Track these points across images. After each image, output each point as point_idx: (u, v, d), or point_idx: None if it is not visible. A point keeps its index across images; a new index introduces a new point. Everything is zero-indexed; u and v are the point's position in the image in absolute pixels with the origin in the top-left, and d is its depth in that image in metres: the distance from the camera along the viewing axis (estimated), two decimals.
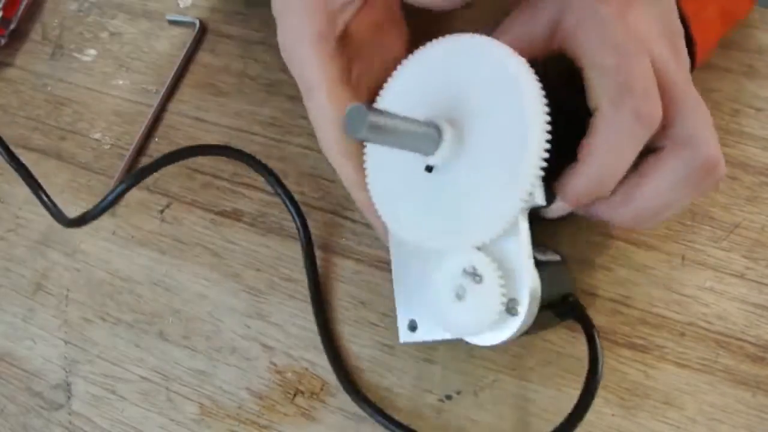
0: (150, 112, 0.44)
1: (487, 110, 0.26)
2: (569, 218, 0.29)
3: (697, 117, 0.27)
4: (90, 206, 0.41)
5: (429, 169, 0.28)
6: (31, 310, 0.38)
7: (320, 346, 0.35)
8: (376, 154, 0.31)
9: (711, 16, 0.32)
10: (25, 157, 0.42)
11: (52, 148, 0.44)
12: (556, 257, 0.31)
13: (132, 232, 0.40)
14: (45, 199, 0.39)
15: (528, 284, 0.26)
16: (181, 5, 0.49)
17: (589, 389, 0.28)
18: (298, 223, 0.37)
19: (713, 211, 0.35)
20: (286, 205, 0.37)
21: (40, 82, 0.47)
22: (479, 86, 0.27)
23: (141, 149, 0.43)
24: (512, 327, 0.26)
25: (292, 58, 0.31)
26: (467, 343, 0.28)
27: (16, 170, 0.40)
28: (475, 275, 0.27)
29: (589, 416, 0.32)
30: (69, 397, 0.36)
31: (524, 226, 0.26)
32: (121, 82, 0.46)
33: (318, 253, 0.37)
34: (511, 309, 0.26)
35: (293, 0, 0.30)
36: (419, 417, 0.33)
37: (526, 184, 0.25)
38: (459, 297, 0.27)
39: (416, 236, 0.29)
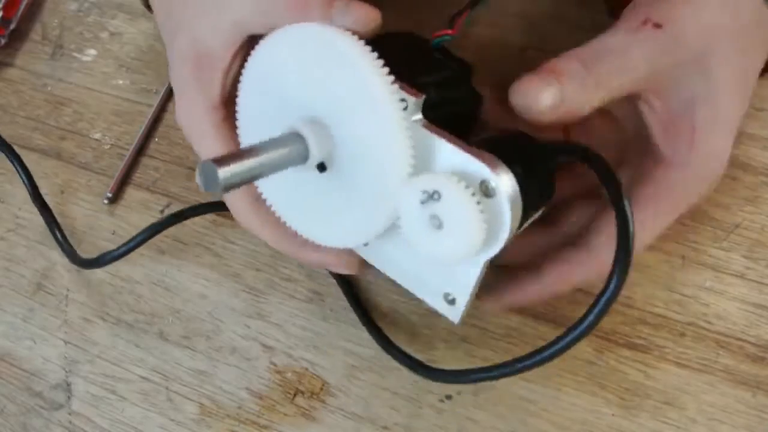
0: (150, 112, 0.44)
1: (332, 88, 0.26)
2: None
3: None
4: (89, 206, 0.41)
5: (321, 168, 0.27)
6: (31, 310, 0.38)
7: (320, 346, 0.35)
8: (273, 197, 0.30)
9: None
10: (25, 157, 0.42)
11: (52, 148, 0.44)
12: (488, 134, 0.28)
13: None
14: (60, 238, 0.39)
15: (476, 158, 0.24)
16: None
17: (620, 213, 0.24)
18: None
19: (713, 211, 0.35)
20: None
21: (40, 82, 0.47)
22: (319, 72, 0.26)
23: (141, 149, 0.43)
24: (504, 202, 0.24)
25: (190, 133, 0.30)
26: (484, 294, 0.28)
27: (35, 203, 0.41)
28: (432, 195, 0.24)
29: (589, 416, 0.32)
30: (69, 397, 0.36)
31: (422, 121, 0.25)
32: (121, 82, 0.46)
33: None
34: (489, 191, 0.24)
35: (186, 78, 0.30)
36: (419, 417, 0.33)
37: (386, 99, 0.24)
38: (439, 226, 0.25)
39: (365, 233, 0.28)
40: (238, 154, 0.24)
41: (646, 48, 0.25)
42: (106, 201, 0.41)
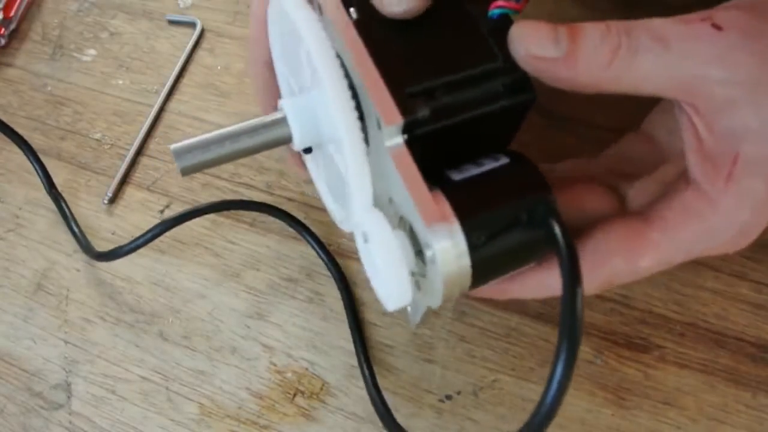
0: (150, 112, 0.44)
1: (307, 68, 0.24)
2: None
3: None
4: (89, 206, 0.41)
5: (307, 151, 0.26)
6: (31, 310, 0.38)
7: (320, 346, 0.35)
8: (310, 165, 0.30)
9: None
10: (25, 157, 0.42)
11: (52, 148, 0.44)
12: (499, 161, 0.23)
13: (132, 231, 0.40)
14: (76, 230, 0.39)
15: (419, 212, 0.20)
16: (181, 5, 0.49)
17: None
18: (336, 277, 0.36)
19: None
20: (324, 262, 0.37)
21: (40, 82, 0.47)
22: (297, 48, 0.25)
23: (141, 149, 0.43)
24: (437, 275, 0.20)
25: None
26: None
27: (53, 198, 0.41)
28: (364, 235, 0.22)
29: (589, 416, 0.32)
30: (69, 397, 0.36)
31: (395, 148, 0.21)
32: (121, 82, 0.46)
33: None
34: (425, 258, 0.21)
35: None
36: (419, 417, 0.33)
37: (340, 101, 0.21)
38: (377, 270, 0.22)
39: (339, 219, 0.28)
40: (200, 145, 0.23)
41: (693, 46, 0.21)
42: (106, 201, 0.41)
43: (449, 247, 0.20)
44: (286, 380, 0.35)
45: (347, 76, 0.22)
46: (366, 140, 0.23)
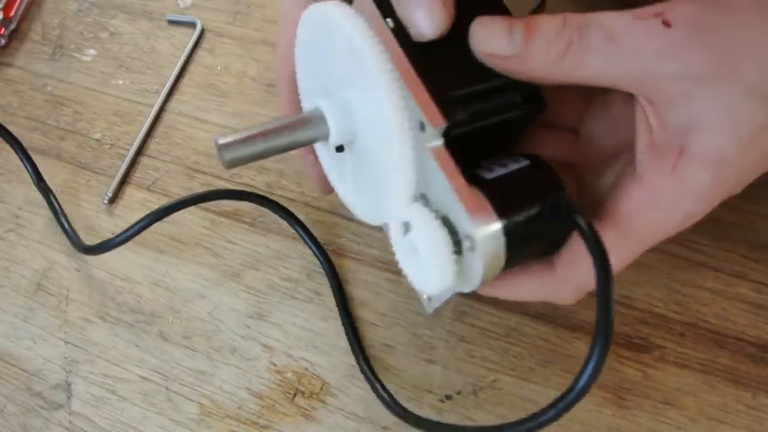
0: (150, 112, 0.44)
1: (347, 69, 0.25)
2: None
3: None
4: (89, 206, 0.41)
5: (339, 149, 0.28)
6: (31, 310, 0.38)
7: (320, 346, 0.35)
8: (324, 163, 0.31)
9: None
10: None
11: (52, 148, 0.44)
12: (521, 163, 0.26)
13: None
14: (65, 224, 0.39)
15: (462, 205, 0.23)
16: (181, 5, 0.49)
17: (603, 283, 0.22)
18: (326, 270, 0.37)
19: (714, 210, 0.35)
20: (312, 249, 0.38)
21: (40, 82, 0.47)
22: (335, 52, 0.26)
23: (141, 149, 0.43)
24: (477, 260, 0.23)
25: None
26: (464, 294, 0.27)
27: (42, 192, 0.41)
28: (406, 225, 0.25)
29: (589, 416, 0.32)
30: (69, 397, 0.36)
31: (436, 148, 0.23)
32: (121, 82, 0.46)
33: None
34: (466, 245, 0.23)
35: None
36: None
37: (393, 103, 0.23)
38: (416, 257, 0.25)
39: (368, 216, 0.29)
40: (245, 139, 0.25)
41: (643, 42, 0.21)
42: (106, 201, 0.41)
43: (489, 235, 0.23)
44: (286, 380, 0.35)
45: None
46: None
